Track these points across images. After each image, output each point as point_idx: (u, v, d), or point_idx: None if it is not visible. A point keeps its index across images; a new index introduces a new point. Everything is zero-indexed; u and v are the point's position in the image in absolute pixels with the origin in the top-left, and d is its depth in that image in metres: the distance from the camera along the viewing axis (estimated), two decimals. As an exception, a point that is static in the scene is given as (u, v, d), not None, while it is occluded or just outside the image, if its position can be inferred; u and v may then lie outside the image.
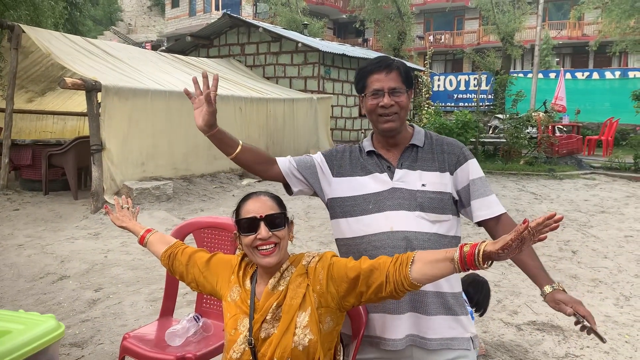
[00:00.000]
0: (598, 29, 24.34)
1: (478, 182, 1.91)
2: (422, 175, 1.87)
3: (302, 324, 1.64)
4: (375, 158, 1.95)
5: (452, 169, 1.90)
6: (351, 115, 15.64)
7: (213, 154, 9.69)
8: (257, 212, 1.69)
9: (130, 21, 43.91)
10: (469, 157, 1.94)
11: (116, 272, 5.10)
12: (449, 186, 1.88)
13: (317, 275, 1.69)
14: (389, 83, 1.85)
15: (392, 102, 1.84)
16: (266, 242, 1.67)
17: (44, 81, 10.24)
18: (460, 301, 1.89)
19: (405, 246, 1.79)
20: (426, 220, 1.83)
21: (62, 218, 7.19)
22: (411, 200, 1.84)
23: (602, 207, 8.06)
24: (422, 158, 1.91)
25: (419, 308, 1.81)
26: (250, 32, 15.21)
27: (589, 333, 1.65)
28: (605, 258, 5.58)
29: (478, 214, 1.89)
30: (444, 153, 1.92)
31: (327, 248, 5.90)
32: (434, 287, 1.81)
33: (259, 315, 1.67)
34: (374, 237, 1.84)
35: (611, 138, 15.32)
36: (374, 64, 1.90)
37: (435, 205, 1.84)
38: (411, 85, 1.91)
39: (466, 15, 34.04)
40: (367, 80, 1.90)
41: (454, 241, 1.89)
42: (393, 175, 1.89)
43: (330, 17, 38.03)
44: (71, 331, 3.78)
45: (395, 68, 1.87)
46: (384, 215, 1.84)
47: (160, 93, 8.43)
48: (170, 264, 1.95)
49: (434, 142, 1.96)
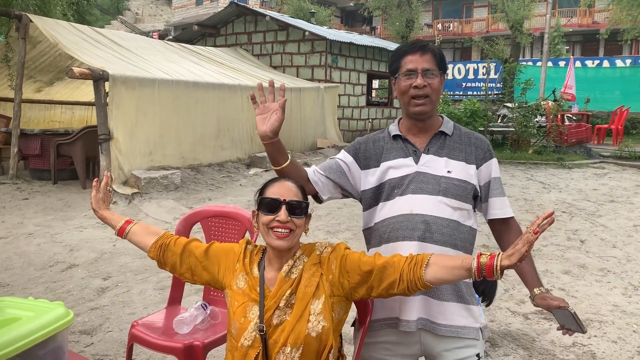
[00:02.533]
0: (609, 16, 24.05)
1: (498, 181, 1.94)
2: (448, 162, 1.87)
3: (316, 311, 1.67)
4: (401, 142, 1.94)
5: (479, 163, 1.91)
6: (358, 104, 15.57)
7: (220, 144, 9.71)
8: (282, 195, 1.73)
9: (138, 10, 43.86)
10: (492, 155, 1.96)
11: (125, 260, 5.14)
12: (474, 178, 1.88)
13: (330, 265, 1.74)
14: (423, 64, 1.84)
15: (425, 83, 1.83)
16: (283, 225, 1.69)
17: (52, 71, 10.27)
18: (473, 291, 1.89)
19: (424, 229, 1.80)
20: (447, 206, 1.83)
21: (70, 207, 7.24)
22: (435, 185, 1.84)
23: (611, 196, 8.01)
24: (450, 146, 1.91)
25: (431, 292, 1.79)
26: (257, 21, 15.15)
27: (571, 329, 1.74)
28: (614, 247, 5.55)
29: (493, 212, 1.93)
30: (471, 146, 1.93)
31: (333, 237, 5.91)
32: None
33: (271, 302, 1.68)
34: (393, 220, 1.86)
35: (621, 127, 15.18)
36: (408, 45, 1.91)
37: (459, 192, 1.85)
38: (445, 69, 1.91)
39: (475, 3, 33.69)
40: (401, 60, 1.88)
41: (471, 232, 1.90)
42: (418, 160, 1.89)
43: (337, 5, 37.80)
44: (80, 319, 3.82)
45: (430, 50, 1.87)
46: (406, 198, 1.85)
47: (167, 82, 8.43)
48: (161, 255, 1.87)
49: (463, 133, 1.96)
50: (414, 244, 1.80)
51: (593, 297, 4.24)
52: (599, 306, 4.05)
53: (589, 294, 4.29)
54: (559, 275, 4.72)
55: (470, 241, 1.89)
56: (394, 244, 1.85)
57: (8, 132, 8.69)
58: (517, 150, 12.58)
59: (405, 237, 1.83)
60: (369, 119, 15.97)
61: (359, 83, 15.48)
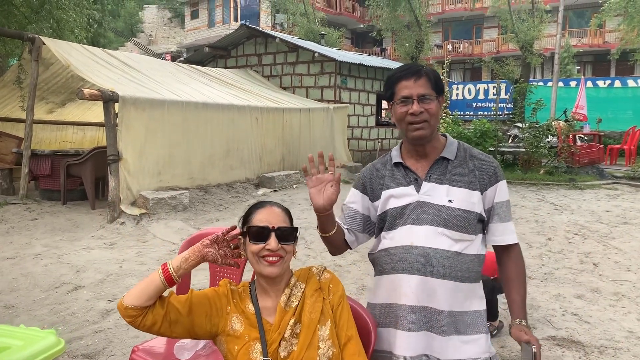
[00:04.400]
0: (619, 36, 23.99)
1: (501, 206, 1.87)
2: (449, 190, 1.82)
3: (324, 337, 1.63)
4: (402, 170, 1.90)
5: (484, 189, 1.85)
6: (368, 125, 15.58)
7: (229, 164, 9.72)
8: (270, 222, 1.67)
9: (151, 32, 44.55)
10: (500, 177, 1.89)
11: (131, 282, 5.10)
12: (477, 205, 1.83)
13: (329, 294, 1.73)
14: (417, 90, 1.80)
15: (421, 109, 1.79)
16: (273, 253, 1.65)
17: (64, 92, 10.40)
18: (482, 319, 1.83)
19: (424, 262, 1.76)
20: (448, 238, 1.78)
21: (79, 228, 7.25)
22: (435, 215, 1.80)
23: (624, 218, 7.87)
24: (452, 172, 1.85)
25: (433, 327, 1.76)
26: (267, 43, 15.29)
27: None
28: (628, 271, 5.42)
29: (492, 238, 1.89)
30: (475, 170, 1.86)
31: (341, 259, 5.84)
32: (450, 307, 1.77)
33: (275, 334, 1.63)
34: (394, 251, 1.84)
35: (634, 147, 15.01)
36: (402, 71, 1.86)
37: (460, 223, 1.79)
38: (441, 92, 1.86)
39: (485, 24, 33.82)
40: (395, 87, 1.85)
41: (476, 260, 1.83)
42: (420, 189, 1.84)
43: (347, 27, 38.12)
44: (83, 342, 3.78)
45: (424, 74, 1.83)
46: (407, 228, 1.82)
47: (176, 103, 8.48)
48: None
49: (467, 156, 1.90)
50: (415, 278, 1.77)
51: (607, 322, 4.12)
52: (614, 332, 3.93)
53: (603, 320, 4.18)
54: (571, 300, 4.61)
55: (475, 269, 1.84)
56: (395, 276, 1.83)
57: (19, 152, 8.76)
58: (528, 170, 12.46)
59: (405, 270, 1.80)
60: (378, 139, 15.96)
61: (369, 103, 15.51)
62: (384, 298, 1.89)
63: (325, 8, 34.31)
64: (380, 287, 1.92)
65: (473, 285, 1.83)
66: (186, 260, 1.62)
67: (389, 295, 1.86)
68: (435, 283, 1.74)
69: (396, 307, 1.81)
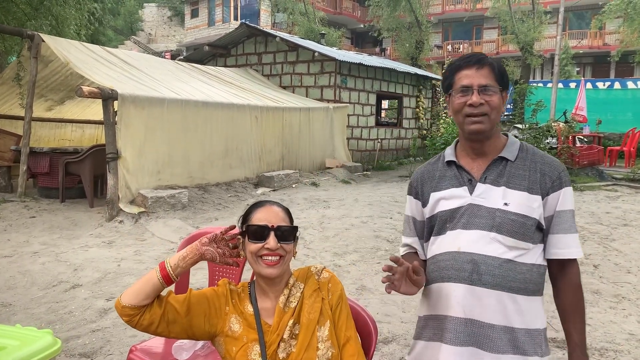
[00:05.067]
0: (620, 38, 24.02)
1: (565, 215, 1.68)
2: (506, 192, 1.65)
3: (323, 337, 1.61)
4: (455, 169, 1.75)
5: (545, 193, 1.66)
6: (367, 125, 15.56)
7: (228, 163, 9.70)
8: (269, 221, 1.64)
9: (151, 31, 44.49)
10: (566, 183, 1.69)
11: (129, 281, 5.07)
12: (537, 211, 1.64)
13: (327, 293, 1.70)
14: (479, 79, 1.65)
15: (481, 100, 1.64)
16: (272, 253, 1.62)
17: (63, 90, 10.37)
18: (538, 339, 1.63)
19: (471, 270, 1.61)
20: (501, 244, 1.61)
21: (77, 226, 7.22)
22: (488, 219, 1.63)
23: (624, 219, 7.85)
24: (511, 174, 1.67)
25: (482, 343, 1.59)
26: (267, 42, 15.26)
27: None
28: (628, 273, 5.41)
29: (551, 251, 1.69)
30: (537, 172, 1.67)
31: (340, 259, 5.82)
32: (504, 321, 1.59)
33: (274, 335, 1.61)
34: (440, 257, 1.70)
35: (634, 149, 15.00)
36: (463, 59, 1.70)
37: (516, 229, 1.61)
38: (506, 85, 1.70)
39: (485, 25, 33.83)
40: (455, 76, 1.70)
41: (534, 270, 1.64)
42: (473, 190, 1.68)
43: (347, 27, 38.13)
44: (81, 341, 3.75)
45: (488, 64, 1.67)
46: (455, 233, 1.68)
47: (176, 102, 8.45)
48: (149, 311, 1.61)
49: (529, 157, 1.71)
50: (461, 287, 1.63)
51: (608, 324, 4.11)
52: (614, 334, 3.91)
53: (604, 322, 4.16)
54: (571, 302, 4.58)
55: (534, 281, 1.65)
56: (441, 284, 1.70)
57: (18, 150, 8.73)
58: (528, 171, 12.42)
59: (451, 278, 1.65)
60: (378, 139, 15.94)
61: (369, 103, 15.49)
62: (430, 309, 1.75)
63: (325, 8, 34.31)
64: (427, 298, 1.78)
65: (531, 299, 1.64)
66: (184, 259, 1.59)
67: (434, 306, 1.72)
68: (483, 293, 1.59)
69: (442, 319, 1.67)
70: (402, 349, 3.63)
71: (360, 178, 12.63)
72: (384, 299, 4.62)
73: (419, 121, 18.02)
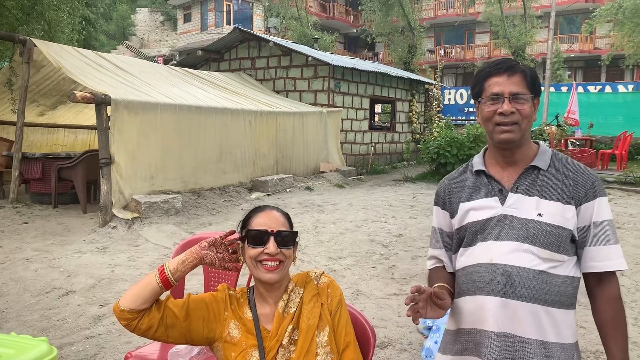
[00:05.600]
0: (610, 42, 24.22)
1: (602, 225, 1.61)
2: (539, 203, 1.60)
3: (323, 343, 1.60)
4: (485, 179, 1.70)
5: (578, 203, 1.61)
6: (361, 129, 15.59)
7: (222, 168, 9.67)
8: (269, 226, 1.63)
9: (143, 36, 44.39)
10: (600, 193, 1.62)
11: (123, 287, 5.03)
12: (571, 222, 1.59)
13: (327, 299, 1.69)
14: (510, 87, 1.60)
15: (512, 109, 1.59)
16: (272, 258, 1.61)
17: (56, 95, 10.31)
18: (572, 355, 1.58)
19: (505, 282, 1.56)
20: (535, 256, 1.57)
21: (70, 232, 7.17)
22: (521, 230, 1.58)
23: (617, 222, 7.90)
24: (543, 183, 1.63)
25: (517, 358, 1.54)
26: (260, 46, 15.27)
27: None
28: (622, 276, 5.43)
29: (587, 264, 1.62)
30: (570, 181, 1.62)
31: (336, 264, 5.80)
32: (538, 335, 1.55)
33: (273, 341, 1.60)
34: (472, 269, 1.65)
35: (625, 152, 15.11)
36: (494, 65, 1.65)
37: (550, 240, 1.57)
38: (538, 93, 1.65)
39: (477, 29, 34.01)
40: (484, 83, 1.65)
41: (568, 282, 1.60)
42: (505, 200, 1.64)
43: (340, 32, 38.23)
44: (75, 348, 3.71)
45: (520, 71, 1.63)
46: (487, 244, 1.63)
47: (169, 107, 8.43)
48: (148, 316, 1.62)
49: (561, 166, 1.66)
50: (495, 300, 1.58)
51: (602, 327, 4.12)
52: (609, 337, 3.92)
53: (598, 325, 4.17)
54: (566, 305, 4.60)
55: (568, 293, 1.60)
56: (472, 297, 1.64)
57: (10, 155, 8.67)
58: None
59: (483, 290, 1.60)
60: (371, 143, 15.97)
61: (362, 108, 15.52)
62: (460, 323, 1.70)
63: (318, 12, 34.39)
64: (457, 312, 1.72)
65: (565, 312, 1.59)
66: (183, 263, 1.59)
67: (466, 320, 1.67)
68: (517, 306, 1.55)
69: (475, 333, 1.62)
70: (399, 354, 3.62)
71: (355, 182, 12.64)
72: (380, 303, 4.61)
73: (412, 125, 18.07)
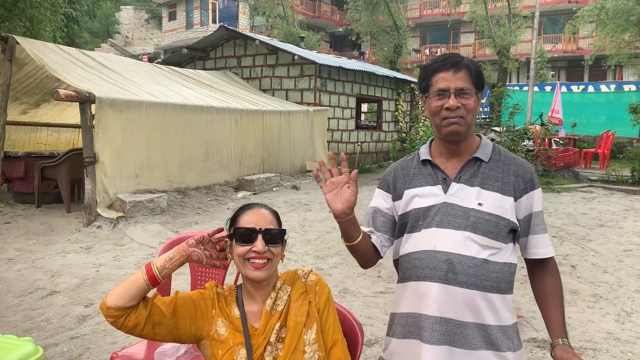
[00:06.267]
0: (593, 42, 24.51)
1: (540, 215, 1.74)
2: (480, 192, 1.68)
3: (310, 341, 1.61)
4: (430, 168, 1.78)
5: (518, 195, 1.70)
6: (347, 128, 15.61)
7: (208, 167, 9.62)
8: (257, 224, 1.63)
9: (128, 34, 43.98)
10: (537, 185, 1.74)
11: (108, 287, 4.99)
12: (509, 212, 1.68)
13: (315, 296, 1.70)
14: (456, 82, 1.65)
15: (458, 104, 1.65)
16: (259, 256, 1.61)
17: (39, 93, 10.17)
18: (510, 334, 1.67)
19: (447, 269, 1.63)
20: (476, 244, 1.64)
21: (54, 231, 7.08)
22: (463, 218, 1.66)
23: (600, 220, 8.00)
24: (485, 174, 1.71)
25: (456, 341, 1.62)
26: (246, 45, 15.21)
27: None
28: (605, 272, 5.50)
29: (532, 251, 1.76)
30: (511, 174, 1.71)
31: (322, 262, 5.81)
32: (476, 319, 1.63)
33: (260, 339, 1.60)
34: (415, 256, 1.71)
35: (608, 151, 15.32)
36: (440, 61, 1.70)
37: (490, 229, 1.65)
38: (482, 86, 1.72)
39: (462, 29, 34.21)
40: (432, 78, 1.70)
41: (506, 268, 1.68)
42: (448, 189, 1.71)
43: (326, 30, 38.24)
44: (59, 349, 3.67)
45: (465, 66, 1.67)
46: (430, 232, 1.69)
47: (154, 105, 8.36)
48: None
49: (502, 158, 1.75)
50: (436, 285, 1.64)
51: (586, 324, 4.17)
52: (593, 333, 3.98)
53: (582, 321, 4.22)
54: (551, 302, 4.65)
55: (505, 279, 1.69)
56: (416, 283, 1.70)
57: (-9, 154, 8.54)
58: (506, 174, 12.58)
59: (427, 277, 1.66)
60: (358, 142, 16.00)
61: (348, 106, 15.54)
62: (406, 307, 1.75)
63: (304, 11, 34.34)
64: (402, 296, 1.78)
65: (503, 297, 1.68)
66: (170, 260, 1.59)
67: (410, 305, 1.72)
68: (458, 292, 1.61)
69: (418, 317, 1.68)
70: (386, 352, 3.63)
71: (341, 181, 12.62)
72: (367, 301, 4.62)
73: (399, 124, 18.14)
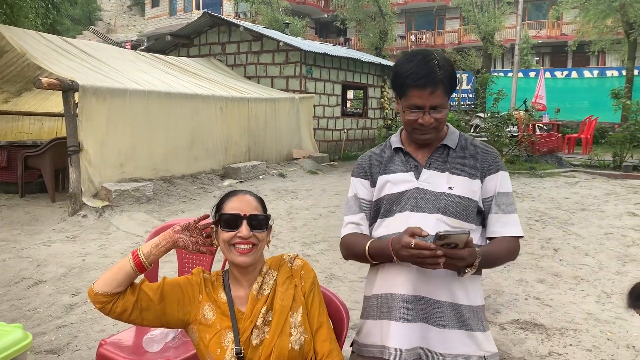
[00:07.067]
0: (576, 28, 24.68)
1: (504, 196, 1.79)
2: (450, 178, 1.76)
3: (296, 323, 1.64)
4: (402, 155, 1.85)
5: (483, 177, 1.79)
6: (333, 115, 15.60)
7: (194, 155, 9.59)
8: (242, 210, 1.66)
9: (110, 21, 43.38)
10: (502, 168, 1.82)
11: (94, 275, 4.98)
12: (477, 194, 1.76)
13: (301, 280, 1.73)
14: (431, 101, 1.68)
15: (432, 119, 1.71)
16: (245, 241, 1.64)
17: (20, 81, 10.01)
18: (480, 316, 1.75)
19: None
20: (447, 225, 1.71)
21: (38, 221, 7.04)
22: (434, 202, 1.73)
23: (582, 204, 8.13)
24: (453, 160, 1.80)
25: (430, 319, 1.68)
26: (231, 31, 15.09)
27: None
28: (586, 255, 5.62)
29: (492, 230, 1.79)
30: (477, 159, 1.81)
31: (309, 249, 5.85)
32: (449, 298, 1.70)
33: (247, 322, 1.63)
34: (389, 238, 1.72)
35: (590, 136, 15.52)
36: (416, 77, 1.67)
37: (460, 210, 1.73)
38: (455, 87, 1.75)
39: (447, 15, 34.25)
40: (407, 91, 1.71)
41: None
42: (419, 175, 1.78)
43: (312, 17, 38.02)
44: (47, 337, 3.68)
45: (441, 84, 1.67)
46: (404, 215, 1.75)
47: (139, 93, 8.29)
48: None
49: (468, 145, 1.84)
50: (411, 266, 1.67)
51: (567, 305, 4.26)
52: (574, 314, 4.07)
53: (564, 302, 4.32)
54: (533, 284, 4.74)
55: None
56: (389, 265, 1.75)
57: (-27, 144, 8.44)
58: (490, 159, 12.69)
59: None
60: (344, 130, 16.00)
61: (334, 94, 15.52)
62: (378, 289, 1.81)
63: (288, -3, 34.07)
64: (375, 278, 1.84)
65: (473, 278, 1.74)
66: (157, 246, 1.61)
67: (382, 286, 1.78)
68: (432, 272, 1.66)
69: (390, 297, 1.73)
70: (372, 335, 3.69)
71: (327, 168, 12.68)
72: (353, 286, 4.68)
73: (384, 111, 18.17)
